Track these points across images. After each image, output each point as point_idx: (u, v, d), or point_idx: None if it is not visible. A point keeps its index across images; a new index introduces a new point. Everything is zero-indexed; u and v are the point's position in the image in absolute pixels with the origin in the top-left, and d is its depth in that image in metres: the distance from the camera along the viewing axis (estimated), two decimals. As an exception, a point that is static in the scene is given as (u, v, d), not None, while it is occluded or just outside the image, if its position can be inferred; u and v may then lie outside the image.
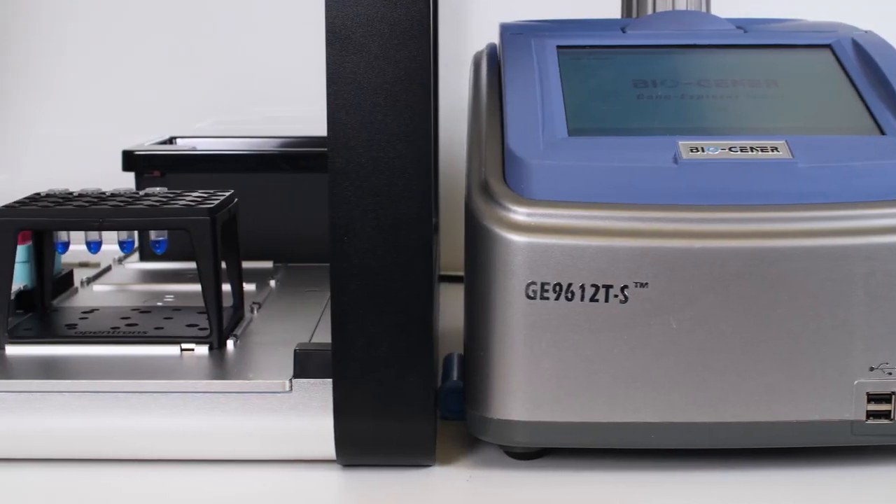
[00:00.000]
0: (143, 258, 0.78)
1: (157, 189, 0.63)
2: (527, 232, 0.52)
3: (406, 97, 0.51)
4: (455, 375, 0.62)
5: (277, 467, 0.55)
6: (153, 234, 0.62)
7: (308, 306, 0.67)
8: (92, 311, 0.63)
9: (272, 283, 0.72)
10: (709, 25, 0.64)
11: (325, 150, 0.80)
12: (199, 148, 0.81)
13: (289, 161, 0.76)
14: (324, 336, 0.60)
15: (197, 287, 0.70)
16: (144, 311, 0.63)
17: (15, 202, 0.60)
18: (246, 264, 0.73)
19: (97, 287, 0.71)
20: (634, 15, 0.68)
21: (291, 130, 1.00)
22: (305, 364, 0.54)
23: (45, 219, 0.58)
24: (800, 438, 0.53)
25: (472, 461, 0.56)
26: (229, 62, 1.05)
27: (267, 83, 1.05)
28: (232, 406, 0.53)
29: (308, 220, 0.77)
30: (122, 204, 0.59)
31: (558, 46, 0.61)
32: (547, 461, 0.56)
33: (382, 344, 0.52)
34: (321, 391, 0.53)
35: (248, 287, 0.70)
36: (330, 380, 0.53)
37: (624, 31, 0.63)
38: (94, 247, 0.62)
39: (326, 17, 0.51)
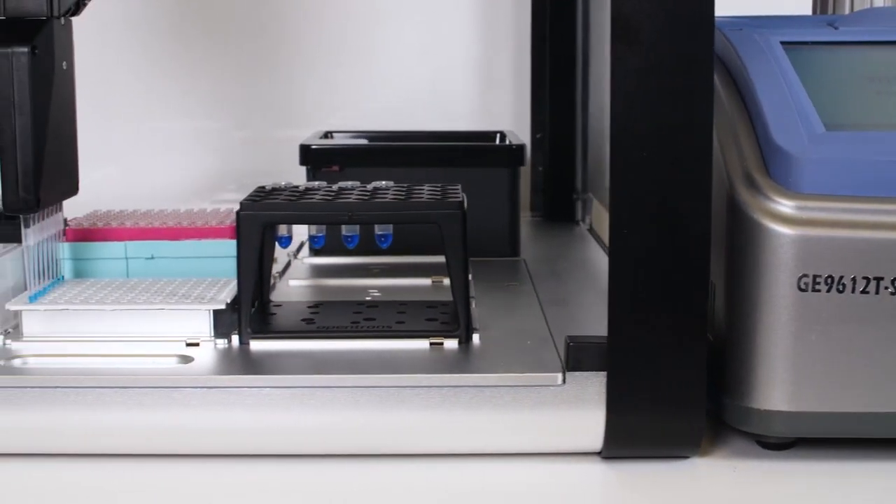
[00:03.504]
0: (312, 253, 0.77)
1: (384, 183, 0.62)
2: (797, 225, 0.53)
3: (689, 89, 0.51)
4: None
5: (532, 459, 0.54)
6: (378, 229, 0.61)
7: (519, 299, 0.67)
8: (317, 304, 0.63)
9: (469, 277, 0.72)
10: (917, 22, 0.65)
11: (503, 144, 0.82)
12: (370, 142, 0.81)
13: (469, 155, 0.76)
14: (560, 329, 0.60)
15: (398, 281, 0.70)
16: (371, 305, 0.63)
17: (252, 196, 0.59)
18: (430, 258, 0.73)
19: (292, 282, 0.70)
20: (830, 12, 0.69)
21: (405, 124, 1.00)
22: (580, 357, 0.54)
23: (294, 212, 0.57)
24: None
25: (724, 452, 0.56)
26: (337, 57, 1.05)
27: (374, 78, 1.06)
28: (504, 400, 0.53)
29: (484, 214, 0.77)
30: (364, 197, 0.58)
31: (782, 42, 0.62)
32: (800, 451, 0.56)
33: (660, 337, 0.52)
34: (595, 384, 0.53)
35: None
36: (603, 373, 0.53)
37: (836, 28, 0.64)
38: (319, 241, 0.61)
39: (612, 11, 0.51)
